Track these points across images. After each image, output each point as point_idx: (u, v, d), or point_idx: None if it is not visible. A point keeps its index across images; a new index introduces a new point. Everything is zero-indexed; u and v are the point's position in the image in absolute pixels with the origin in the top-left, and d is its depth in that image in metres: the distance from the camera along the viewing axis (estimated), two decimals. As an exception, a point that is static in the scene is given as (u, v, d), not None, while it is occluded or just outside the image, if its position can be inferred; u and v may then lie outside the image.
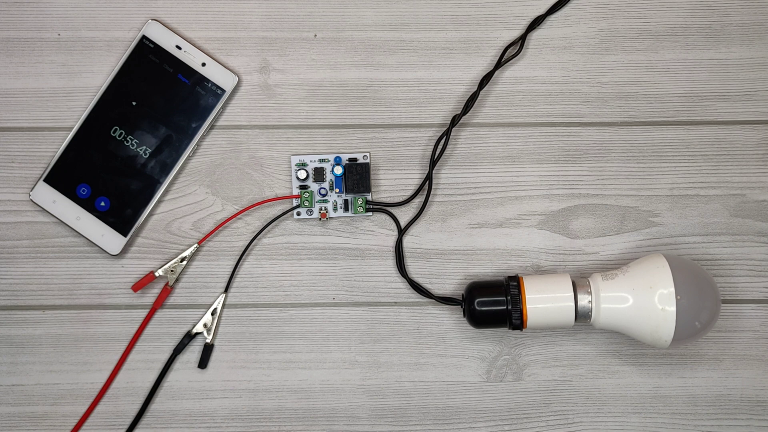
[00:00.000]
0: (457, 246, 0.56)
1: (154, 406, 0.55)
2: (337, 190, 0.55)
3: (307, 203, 0.55)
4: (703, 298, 0.50)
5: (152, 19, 0.55)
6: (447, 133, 0.55)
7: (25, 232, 0.55)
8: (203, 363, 0.55)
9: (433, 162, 0.55)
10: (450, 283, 0.56)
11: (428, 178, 0.55)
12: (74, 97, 0.56)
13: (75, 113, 0.56)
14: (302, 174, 0.55)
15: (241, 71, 0.56)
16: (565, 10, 0.57)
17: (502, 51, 0.56)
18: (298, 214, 0.55)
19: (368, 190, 0.55)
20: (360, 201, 0.55)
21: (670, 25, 0.57)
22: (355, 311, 0.56)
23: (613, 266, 0.55)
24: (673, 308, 0.49)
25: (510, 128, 0.56)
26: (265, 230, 0.55)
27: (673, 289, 0.49)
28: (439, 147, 0.55)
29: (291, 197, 0.55)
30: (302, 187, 0.55)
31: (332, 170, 0.55)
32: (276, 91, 0.56)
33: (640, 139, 0.56)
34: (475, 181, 0.56)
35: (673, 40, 0.57)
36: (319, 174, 0.55)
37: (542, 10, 0.56)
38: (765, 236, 0.56)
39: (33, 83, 0.56)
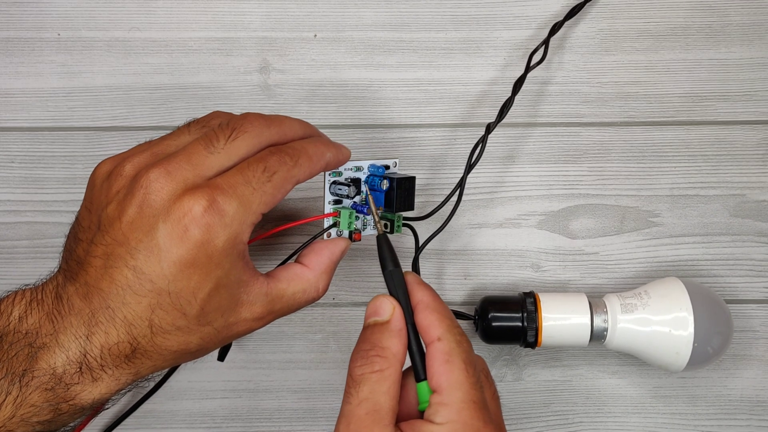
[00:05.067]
0: (457, 246, 0.56)
1: (154, 406, 0.55)
2: (381, 208, 0.46)
3: (348, 225, 0.44)
4: (717, 325, 0.50)
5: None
6: (483, 140, 0.52)
7: (25, 232, 0.55)
8: (222, 356, 0.54)
9: (469, 168, 0.52)
10: (450, 283, 0.56)
11: (459, 185, 0.52)
12: (74, 97, 0.56)
13: (75, 113, 0.56)
14: (351, 191, 0.45)
15: (241, 71, 0.56)
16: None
17: (528, 55, 0.55)
18: (329, 235, 0.45)
19: (412, 207, 0.47)
20: (399, 219, 0.47)
21: (670, 25, 0.57)
22: (355, 311, 0.56)
23: (613, 266, 0.55)
24: (690, 334, 0.48)
25: (510, 128, 0.56)
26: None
27: (690, 316, 0.49)
28: (475, 154, 0.53)
29: (325, 216, 0.45)
30: (336, 202, 0.45)
31: (368, 182, 0.46)
32: (276, 91, 0.56)
33: (640, 139, 0.56)
34: (475, 181, 0.56)
35: (673, 40, 0.57)
36: (356, 186, 0.45)
37: (542, 10, 0.56)
38: (765, 236, 0.56)
39: (33, 83, 0.56)
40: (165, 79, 0.56)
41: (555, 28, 0.55)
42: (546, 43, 0.55)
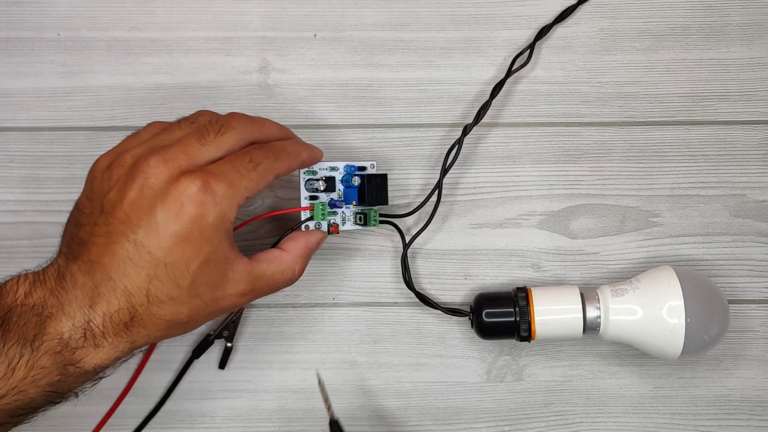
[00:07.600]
0: (457, 246, 0.56)
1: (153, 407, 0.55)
2: (354, 202, 0.51)
3: (321, 216, 0.50)
4: (712, 312, 0.50)
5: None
6: (459, 142, 0.53)
7: (25, 232, 0.55)
8: (223, 364, 0.55)
9: (444, 171, 0.54)
10: (450, 284, 0.56)
11: (437, 187, 0.54)
12: (74, 97, 0.56)
13: (74, 113, 0.56)
14: (321, 185, 0.50)
15: (241, 71, 0.56)
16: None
17: (511, 60, 0.55)
18: (307, 227, 0.50)
19: (386, 202, 0.51)
20: (374, 214, 0.51)
21: (670, 25, 0.57)
22: (355, 311, 0.56)
23: (613, 266, 0.55)
24: (682, 321, 0.48)
25: (510, 128, 0.56)
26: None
27: (682, 303, 0.49)
28: (451, 156, 0.54)
29: (301, 209, 0.50)
30: (312, 198, 0.50)
31: (342, 180, 0.51)
32: (276, 91, 0.56)
33: (640, 139, 0.56)
34: (475, 181, 0.56)
35: (673, 40, 0.57)
36: (330, 184, 0.51)
37: (542, 10, 0.56)
38: (765, 236, 0.56)
39: (33, 83, 0.56)
40: (164, 79, 0.56)
41: (543, 32, 0.55)
42: (531, 47, 0.55)
